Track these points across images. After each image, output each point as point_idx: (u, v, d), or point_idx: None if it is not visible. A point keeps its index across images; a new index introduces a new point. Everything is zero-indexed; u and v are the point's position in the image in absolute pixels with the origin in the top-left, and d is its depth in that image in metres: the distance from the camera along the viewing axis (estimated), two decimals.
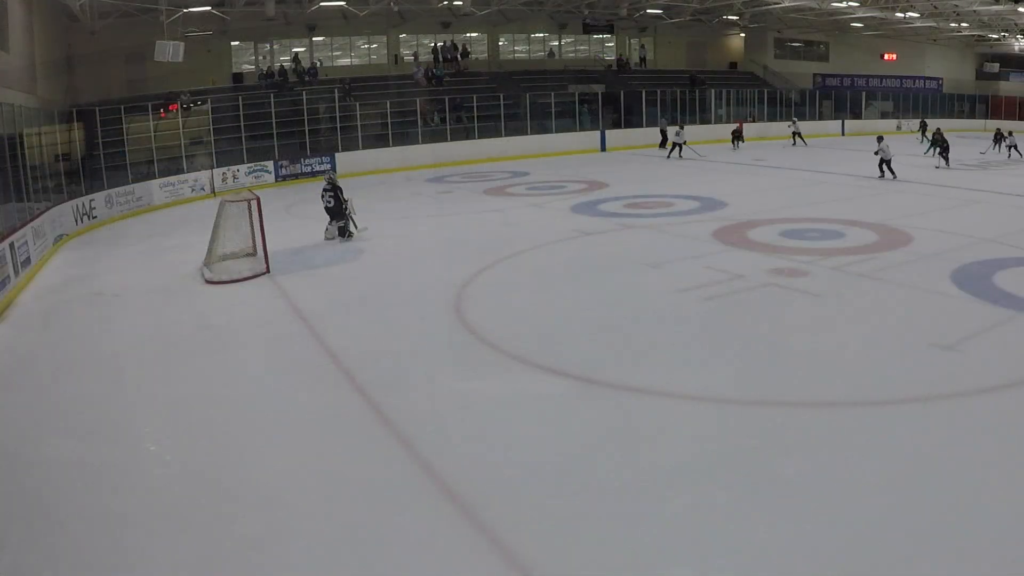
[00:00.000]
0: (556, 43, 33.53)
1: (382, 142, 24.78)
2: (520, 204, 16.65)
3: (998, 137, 23.69)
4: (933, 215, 13.82)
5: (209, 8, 23.02)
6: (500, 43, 32.46)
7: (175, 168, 19.85)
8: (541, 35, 33.05)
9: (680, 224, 13.50)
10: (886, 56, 37.64)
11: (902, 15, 30.53)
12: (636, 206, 15.58)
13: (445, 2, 26.65)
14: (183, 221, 16.15)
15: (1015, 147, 22.93)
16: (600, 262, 11.08)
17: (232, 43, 26.78)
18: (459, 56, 30.21)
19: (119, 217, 16.65)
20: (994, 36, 36.01)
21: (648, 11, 30.96)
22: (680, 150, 25.08)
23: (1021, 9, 28.91)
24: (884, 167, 18.64)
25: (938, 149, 20.96)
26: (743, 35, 36.86)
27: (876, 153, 18.66)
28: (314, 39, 28.11)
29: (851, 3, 29.52)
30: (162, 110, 21.19)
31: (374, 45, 29.74)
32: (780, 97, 34.47)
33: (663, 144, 27.75)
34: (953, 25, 33.32)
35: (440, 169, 24.15)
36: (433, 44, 30.20)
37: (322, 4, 24.94)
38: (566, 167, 23.72)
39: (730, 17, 32.55)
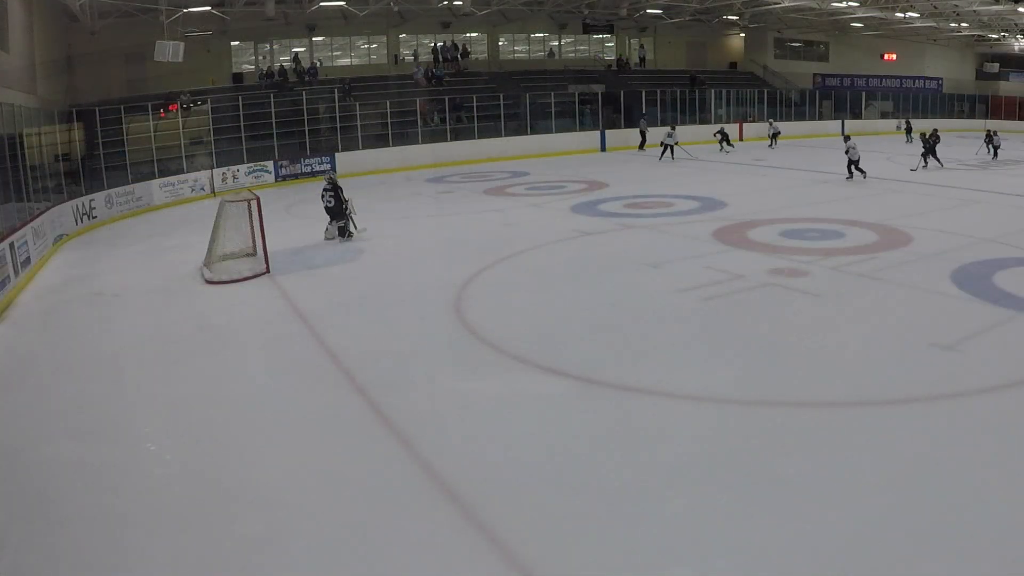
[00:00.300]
0: (556, 43, 33.52)
1: (382, 142, 24.79)
2: (520, 204, 16.65)
3: (988, 137, 23.88)
4: (933, 215, 13.82)
5: (209, 8, 23.01)
6: (500, 43, 32.46)
7: (175, 168, 19.86)
8: (541, 35, 33.04)
9: (680, 224, 13.50)
10: (886, 56, 37.64)
11: (902, 15, 30.52)
12: (636, 206, 15.58)
13: (445, 2, 26.64)
14: (183, 221, 16.15)
15: (997, 148, 23.16)
16: (600, 262, 11.07)
17: (232, 43, 26.78)
18: (459, 56, 30.20)
19: (119, 217, 16.66)
20: (994, 36, 36.02)
21: (648, 11, 30.95)
22: (672, 151, 24.89)
23: (1021, 9, 28.91)
24: (853, 167, 18.50)
25: (923, 150, 20.76)
26: (743, 35, 36.87)
27: (846, 152, 18.61)
28: (314, 39, 28.11)
29: (851, 3, 29.51)
30: (162, 110, 21.20)
31: (374, 45, 29.74)
32: (780, 97, 34.45)
33: (642, 146, 27.58)
34: (953, 25, 33.32)
35: (440, 169, 24.14)
36: (433, 44, 30.19)
37: (322, 4, 24.93)
38: (566, 167, 23.72)
39: (730, 17, 32.55)
